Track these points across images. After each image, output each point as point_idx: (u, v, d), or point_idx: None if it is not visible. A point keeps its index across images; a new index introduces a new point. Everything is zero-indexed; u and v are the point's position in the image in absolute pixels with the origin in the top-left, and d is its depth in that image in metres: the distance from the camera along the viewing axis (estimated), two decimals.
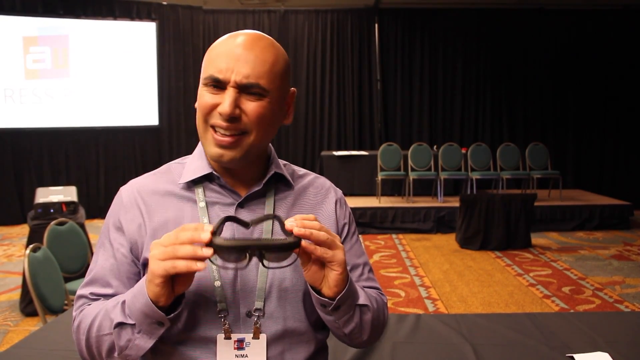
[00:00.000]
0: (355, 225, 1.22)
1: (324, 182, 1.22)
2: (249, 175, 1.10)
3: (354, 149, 8.76)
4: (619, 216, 7.12)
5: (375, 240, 6.53)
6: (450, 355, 1.68)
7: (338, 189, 1.23)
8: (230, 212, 1.07)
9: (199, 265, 0.85)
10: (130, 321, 0.94)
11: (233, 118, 1.00)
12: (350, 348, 1.71)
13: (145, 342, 0.95)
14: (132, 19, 8.31)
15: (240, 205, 1.08)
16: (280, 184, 1.14)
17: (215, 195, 1.09)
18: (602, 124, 9.02)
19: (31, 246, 2.61)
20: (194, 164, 1.11)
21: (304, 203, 1.15)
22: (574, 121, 9.05)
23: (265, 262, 0.88)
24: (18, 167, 7.79)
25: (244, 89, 1.00)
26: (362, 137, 9.21)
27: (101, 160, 8.32)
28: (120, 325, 0.95)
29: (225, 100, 0.99)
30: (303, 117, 9.08)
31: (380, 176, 7.42)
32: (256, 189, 1.09)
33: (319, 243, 0.91)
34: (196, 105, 1.09)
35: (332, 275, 0.95)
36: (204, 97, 1.02)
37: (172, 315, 0.93)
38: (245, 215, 1.07)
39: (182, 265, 0.86)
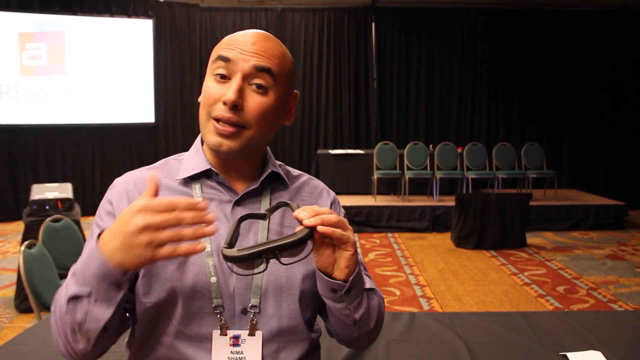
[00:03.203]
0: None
1: (317, 183, 1.23)
2: (245, 173, 1.10)
3: (350, 148, 8.76)
4: (614, 216, 7.15)
5: (371, 239, 6.54)
6: (444, 353, 1.69)
7: (331, 190, 1.24)
8: (227, 209, 1.07)
9: (199, 247, 0.82)
10: (85, 290, 0.87)
11: (235, 106, 1.00)
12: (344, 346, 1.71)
13: (103, 312, 0.88)
14: (128, 16, 8.28)
15: (237, 203, 1.08)
16: (276, 183, 1.14)
17: (212, 192, 1.09)
18: (598, 125, 9.05)
19: (26, 243, 2.61)
20: (192, 160, 1.11)
21: (298, 202, 1.14)
22: (570, 121, 9.07)
23: (282, 260, 0.88)
24: (13, 164, 7.77)
25: (252, 76, 1.01)
26: (358, 135, 9.22)
27: (97, 157, 8.31)
28: (73, 299, 0.88)
29: (231, 87, 1.00)
30: (299, 115, 9.08)
31: (376, 175, 7.42)
32: (253, 186, 1.09)
33: (331, 226, 0.91)
34: (200, 99, 1.09)
35: (345, 256, 0.95)
36: (209, 88, 1.03)
37: (130, 274, 0.87)
38: (241, 212, 1.06)
39: (183, 250, 0.81)
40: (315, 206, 0.94)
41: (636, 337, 1.76)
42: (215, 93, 1.02)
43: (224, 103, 1.00)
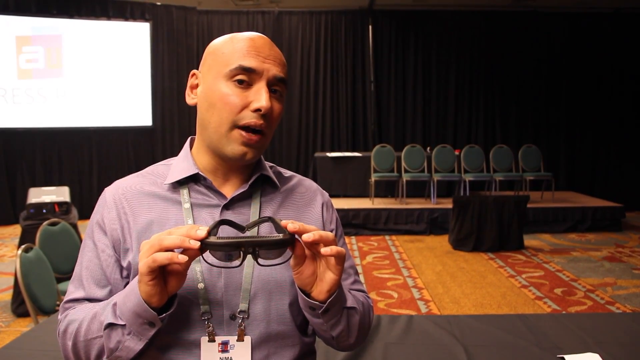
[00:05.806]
0: (342, 229, 1.20)
1: (310, 184, 1.21)
2: (236, 177, 1.09)
3: (347, 150, 8.77)
4: (611, 218, 7.15)
5: (369, 241, 6.53)
6: (442, 356, 1.69)
7: (324, 191, 1.22)
8: (216, 213, 1.06)
9: (181, 257, 0.83)
10: (121, 322, 0.92)
11: (265, 115, 1.00)
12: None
13: (135, 344, 0.93)
14: (125, 19, 8.29)
15: (226, 207, 1.07)
16: (267, 185, 1.12)
17: (200, 196, 1.07)
18: (595, 126, 9.07)
19: (23, 246, 2.60)
20: (180, 165, 1.10)
21: (290, 205, 1.13)
22: (567, 123, 9.09)
23: (259, 260, 0.87)
24: (11, 167, 7.76)
25: (272, 84, 1.02)
26: (355, 138, 9.22)
27: (94, 160, 8.30)
28: (110, 326, 0.93)
29: (262, 95, 0.99)
30: (297, 118, 9.09)
31: (373, 177, 7.43)
32: (242, 190, 1.07)
33: (314, 240, 0.88)
34: (194, 102, 1.06)
35: (329, 278, 0.93)
36: (229, 96, 1.00)
37: (164, 315, 0.91)
38: (231, 216, 1.06)
39: (162, 258, 0.83)
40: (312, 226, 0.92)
41: (634, 340, 1.76)
42: (241, 100, 1.00)
43: (257, 110, 0.99)
